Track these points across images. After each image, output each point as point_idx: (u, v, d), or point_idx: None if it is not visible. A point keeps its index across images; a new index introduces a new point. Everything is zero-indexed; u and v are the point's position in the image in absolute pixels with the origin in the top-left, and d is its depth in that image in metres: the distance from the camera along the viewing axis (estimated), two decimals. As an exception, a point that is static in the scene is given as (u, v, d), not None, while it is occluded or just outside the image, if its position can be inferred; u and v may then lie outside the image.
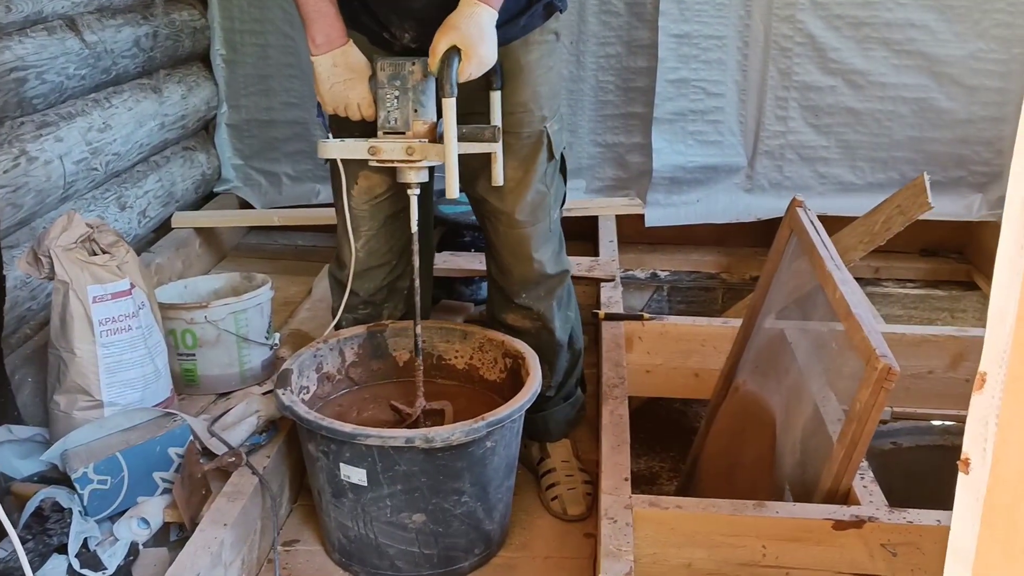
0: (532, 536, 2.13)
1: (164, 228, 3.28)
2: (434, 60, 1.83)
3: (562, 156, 2.16)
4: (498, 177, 1.96)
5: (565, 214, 3.29)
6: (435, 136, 1.91)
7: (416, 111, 1.91)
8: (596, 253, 3.26)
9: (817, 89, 3.45)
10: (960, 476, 0.87)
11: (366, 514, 1.89)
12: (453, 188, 1.85)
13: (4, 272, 2.18)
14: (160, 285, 2.66)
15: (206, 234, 3.41)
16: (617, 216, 3.55)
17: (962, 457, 0.86)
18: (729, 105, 3.51)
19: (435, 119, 1.93)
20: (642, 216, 3.57)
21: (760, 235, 3.63)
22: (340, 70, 1.93)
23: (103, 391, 2.13)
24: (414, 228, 1.98)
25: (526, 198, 2.07)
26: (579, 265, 3.05)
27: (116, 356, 2.14)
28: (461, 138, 1.86)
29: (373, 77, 1.94)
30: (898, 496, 1.99)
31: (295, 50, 3.47)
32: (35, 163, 2.41)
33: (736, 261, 3.68)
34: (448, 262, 2.95)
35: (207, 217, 3.44)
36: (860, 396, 1.80)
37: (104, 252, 2.15)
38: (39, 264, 2.10)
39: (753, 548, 1.85)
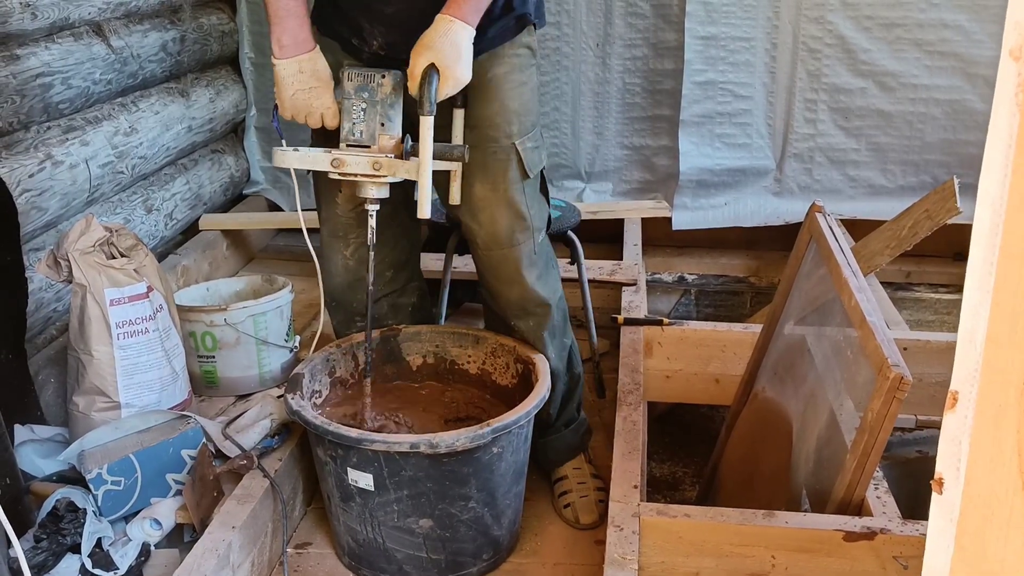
0: (543, 542, 2.13)
1: (191, 230, 3.31)
2: (414, 81, 1.80)
3: (543, 176, 2.10)
4: (455, 196, 1.92)
5: (591, 217, 3.30)
6: (401, 152, 1.87)
7: (383, 124, 1.88)
8: (621, 257, 3.24)
9: (847, 91, 3.41)
10: (934, 496, 0.86)
11: (374, 518, 1.90)
12: (425, 209, 1.83)
13: (27, 275, 2.22)
14: (186, 287, 2.69)
15: (233, 236, 3.44)
16: (644, 219, 3.53)
17: (936, 477, 0.85)
18: (757, 107, 3.47)
19: (400, 134, 1.89)
20: (670, 219, 3.54)
21: (789, 239, 3.56)
22: (306, 77, 1.89)
23: (120, 393, 2.16)
24: (371, 242, 1.95)
25: (500, 218, 2.01)
26: (601, 269, 3.03)
27: (133, 358, 2.17)
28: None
29: (339, 86, 1.91)
30: (924, 505, 1.95)
31: (323, 53, 3.49)
32: (60, 167, 2.45)
33: (765, 265, 3.64)
34: (469, 265, 2.93)
35: (234, 219, 3.47)
36: (872, 406, 1.77)
37: (122, 255, 2.18)
38: (58, 267, 2.14)
39: (762, 558, 1.83)
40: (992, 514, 0.80)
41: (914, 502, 1.96)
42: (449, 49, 1.78)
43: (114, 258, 2.17)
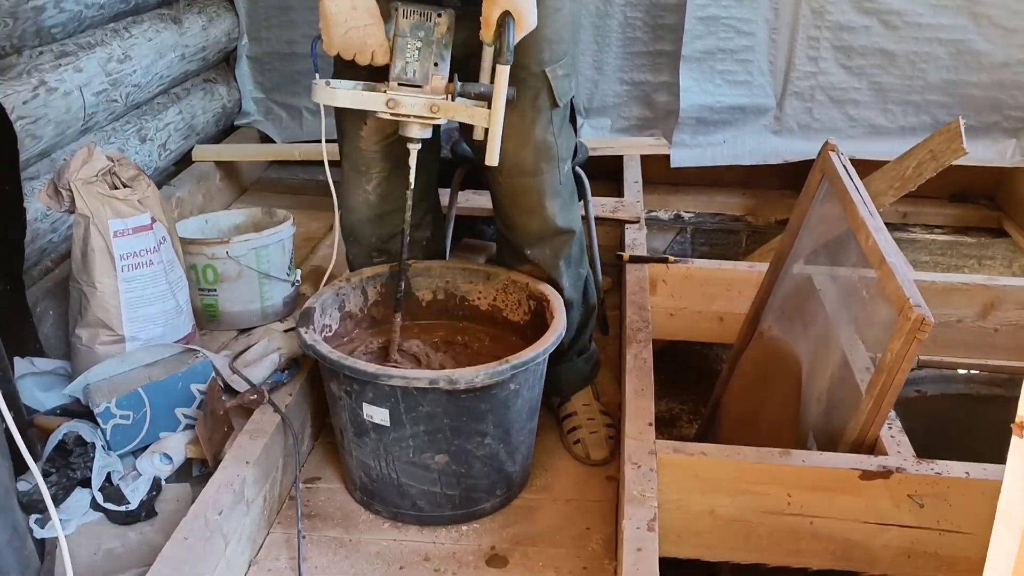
0: (554, 478, 2.13)
1: (185, 161, 3.25)
2: (489, 28, 1.76)
3: (572, 106, 2.07)
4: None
5: (591, 154, 3.25)
6: (452, 92, 1.84)
7: (436, 65, 1.84)
8: (621, 194, 3.21)
9: (850, 29, 3.36)
10: (1013, 440, 0.85)
11: (388, 454, 1.89)
12: (495, 156, 1.80)
13: (24, 204, 2.16)
14: (181, 219, 2.64)
15: (227, 168, 3.37)
16: (642, 156, 3.50)
17: (1017, 420, 0.84)
18: (759, 44, 3.43)
19: (448, 75, 1.86)
20: (667, 156, 3.51)
21: (787, 178, 3.57)
22: (359, 13, 1.82)
23: (125, 326, 2.12)
24: (412, 183, 1.93)
25: (526, 145, 1.97)
26: (603, 206, 3.00)
27: (137, 291, 2.13)
28: (478, 97, 1.81)
29: (389, 22, 1.85)
30: (921, 444, 1.97)
31: (317, -19, 3.40)
32: (55, 94, 2.38)
33: (761, 204, 3.63)
34: (470, 201, 2.91)
35: (228, 151, 3.40)
36: (892, 346, 1.77)
37: (125, 186, 2.13)
38: (59, 197, 2.08)
39: (778, 496, 1.84)
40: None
41: (912, 439, 1.98)
42: None
43: (117, 188, 2.11)
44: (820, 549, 1.86)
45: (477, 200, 2.95)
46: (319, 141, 3.54)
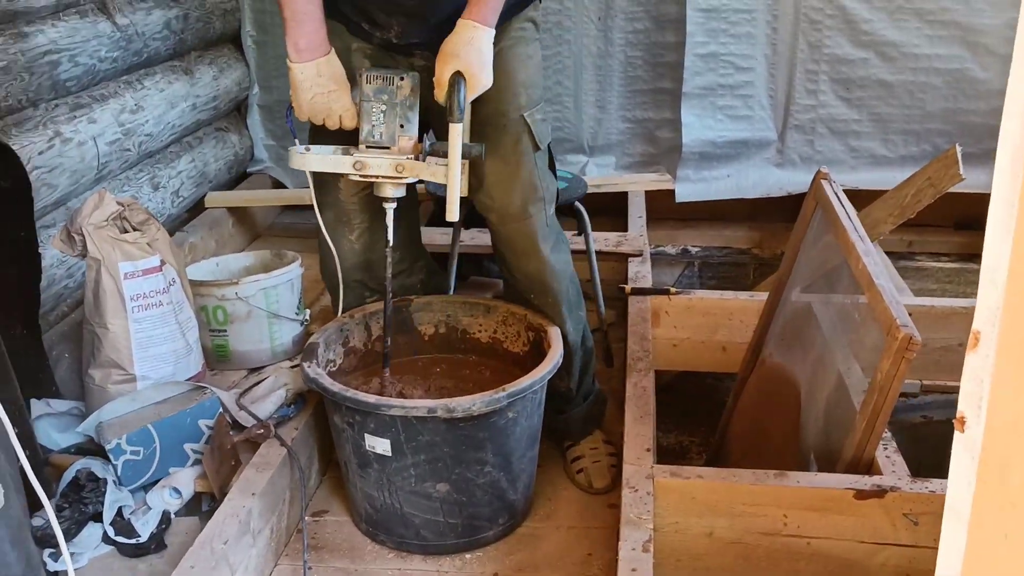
0: (556, 507, 2.16)
1: (198, 208, 3.32)
2: (442, 88, 1.84)
3: (549, 150, 2.12)
4: (465, 187, 1.92)
5: (595, 190, 3.31)
6: (420, 152, 1.92)
7: (402, 126, 1.92)
8: (626, 228, 3.26)
9: (848, 62, 3.42)
10: (956, 435, 0.88)
11: (391, 484, 1.92)
12: (455, 212, 1.88)
13: (40, 251, 2.23)
14: (193, 263, 2.70)
15: (239, 214, 3.45)
16: (647, 192, 3.55)
17: (957, 416, 0.87)
18: (759, 79, 3.49)
19: (417, 135, 1.93)
20: (672, 192, 3.56)
21: (792, 210, 3.58)
22: (324, 80, 1.90)
23: (136, 365, 2.18)
24: (389, 240, 1.99)
25: (513, 191, 2.02)
26: (607, 241, 3.05)
27: (147, 331, 2.18)
28: (445, 155, 1.87)
29: (355, 88, 1.93)
30: (929, 469, 1.98)
31: (325, 31, 3.49)
32: (69, 144, 2.47)
33: (767, 236, 3.66)
34: (475, 239, 2.96)
35: (240, 196, 3.48)
36: (881, 366, 1.79)
37: (135, 229, 2.19)
38: (72, 242, 2.15)
39: (774, 517, 1.86)
40: (1013, 447, 0.83)
41: (920, 466, 1.99)
42: (475, 57, 1.82)
43: (127, 232, 2.18)
44: (818, 569, 1.88)
45: (482, 238, 3.00)
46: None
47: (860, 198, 3.43)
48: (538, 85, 2.07)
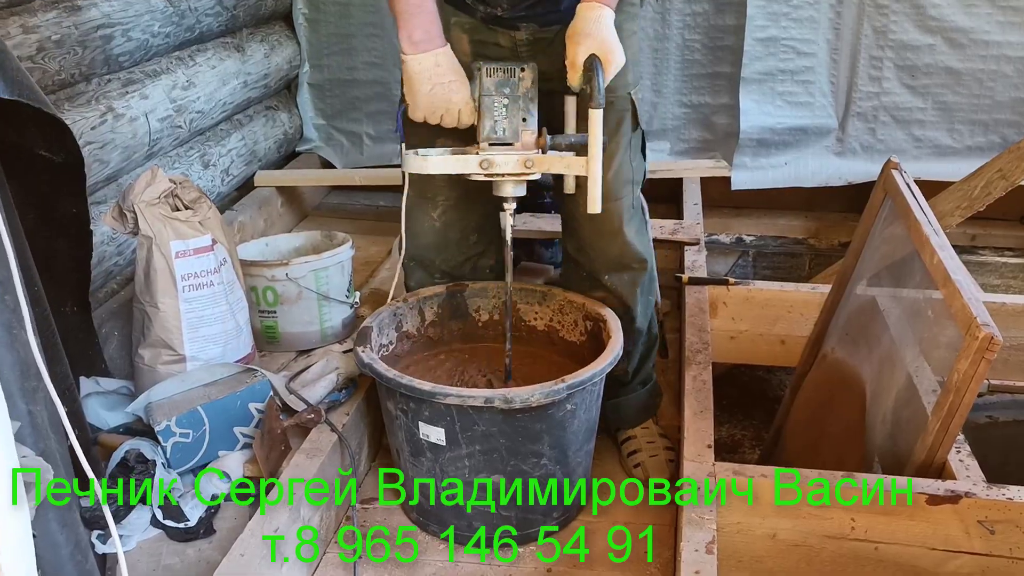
0: (613, 501, 2.10)
1: (247, 186, 3.30)
2: (575, 72, 1.75)
3: (642, 130, 2.06)
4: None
5: (649, 176, 3.23)
6: (543, 146, 1.81)
7: (524, 120, 1.82)
8: (680, 216, 3.18)
9: (914, 48, 3.31)
10: None
11: (444, 473, 1.88)
12: (597, 203, 1.76)
13: (91, 228, 2.21)
14: (242, 243, 2.67)
15: (288, 193, 3.42)
16: (702, 179, 3.47)
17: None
18: (820, 65, 3.39)
19: (537, 128, 1.83)
20: (728, 179, 3.48)
21: (850, 200, 3.51)
22: (443, 70, 1.81)
23: (186, 345, 2.15)
24: (508, 241, 1.91)
25: (610, 170, 1.94)
26: (662, 228, 2.98)
27: (198, 311, 2.15)
28: (570, 148, 1.79)
29: (474, 82, 1.84)
30: (993, 472, 1.91)
31: (377, 8, 3.44)
32: (121, 120, 2.44)
33: (825, 227, 3.57)
34: (528, 223, 2.91)
35: (289, 176, 3.45)
36: (959, 366, 1.72)
37: (187, 208, 2.16)
38: (124, 219, 2.12)
39: (841, 521, 1.79)
40: None
41: (983, 468, 1.91)
42: (607, 34, 1.74)
43: (179, 210, 2.15)
44: (886, 576, 1.81)
45: (535, 223, 2.95)
46: (378, 167, 3.60)
47: (923, 189, 3.32)
48: (640, 62, 2.00)
